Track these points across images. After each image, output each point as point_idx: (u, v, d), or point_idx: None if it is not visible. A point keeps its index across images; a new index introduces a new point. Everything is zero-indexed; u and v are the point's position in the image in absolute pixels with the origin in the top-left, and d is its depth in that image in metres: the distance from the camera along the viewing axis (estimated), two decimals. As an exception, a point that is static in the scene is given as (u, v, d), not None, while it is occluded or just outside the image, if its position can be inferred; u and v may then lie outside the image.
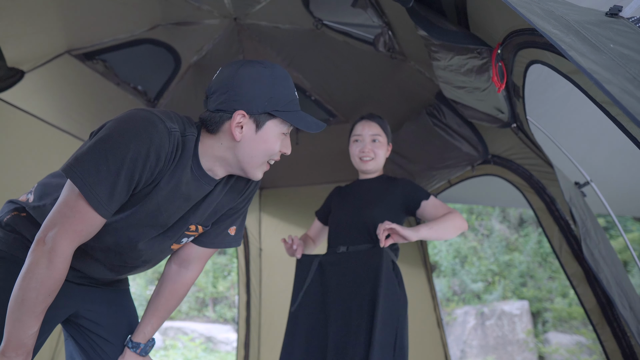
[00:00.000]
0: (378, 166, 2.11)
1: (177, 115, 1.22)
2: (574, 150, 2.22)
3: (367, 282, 1.85)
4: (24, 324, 1.10)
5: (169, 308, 1.47)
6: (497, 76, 1.55)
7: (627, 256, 6.09)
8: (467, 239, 8.58)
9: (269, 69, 1.21)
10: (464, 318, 7.26)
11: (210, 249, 1.45)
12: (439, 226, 1.88)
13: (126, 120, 1.12)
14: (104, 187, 1.08)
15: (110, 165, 1.07)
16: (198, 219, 1.33)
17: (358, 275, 1.88)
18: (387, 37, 2.35)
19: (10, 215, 1.30)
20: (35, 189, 1.35)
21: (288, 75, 1.26)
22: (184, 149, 1.20)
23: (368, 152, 2.06)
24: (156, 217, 1.23)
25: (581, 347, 6.33)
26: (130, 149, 1.08)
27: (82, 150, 1.11)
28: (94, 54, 2.65)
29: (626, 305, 1.81)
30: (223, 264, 9.09)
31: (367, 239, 1.96)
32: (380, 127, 2.10)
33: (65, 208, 1.11)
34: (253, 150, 1.22)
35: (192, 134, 1.21)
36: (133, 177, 1.10)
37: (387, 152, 2.13)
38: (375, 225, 1.94)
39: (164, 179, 1.18)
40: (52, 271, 1.09)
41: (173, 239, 1.33)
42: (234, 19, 2.79)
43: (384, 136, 2.10)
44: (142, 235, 1.26)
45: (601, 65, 0.76)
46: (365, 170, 2.10)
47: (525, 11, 0.89)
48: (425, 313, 3.36)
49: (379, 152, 2.07)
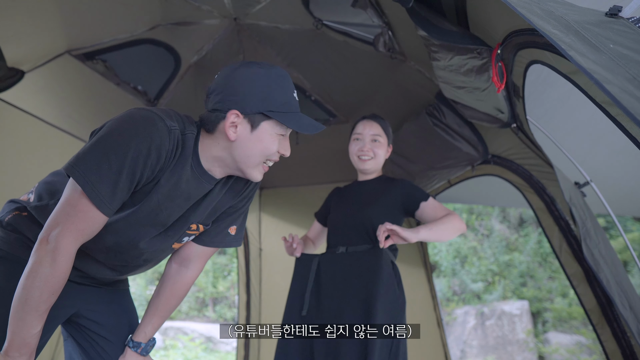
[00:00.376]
0: (377, 166, 2.10)
1: (177, 114, 1.23)
2: (574, 150, 2.22)
3: (365, 282, 1.84)
4: (27, 324, 1.10)
5: (169, 307, 1.48)
6: (497, 76, 1.55)
7: (627, 256, 6.09)
8: (467, 239, 8.58)
9: (265, 69, 1.21)
10: (464, 318, 7.26)
11: (211, 248, 1.45)
12: (438, 228, 1.88)
13: (126, 119, 1.13)
14: (106, 185, 1.09)
15: (111, 164, 1.08)
16: (199, 217, 1.34)
17: (356, 275, 1.88)
18: (387, 37, 2.35)
19: (11, 215, 1.30)
20: (36, 188, 1.35)
21: (286, 76, 1.25)
22: (184, 147, 1.21)
23: (367, 151, 2.06)
24: (156, 215, 1.23)
25: (581, 347, 6.33)
26: (131, 147, 1.09)
27: (84, 150, 1.12)
28: (94, 54, 2.65)
29: (626, 305, 1.81)
30: (223, 264, 9.09)
31: (366, 240, 1.95)
32: (382, 127, 2.09)
33: (68, 207, 1.12)
34: (248, 150, 1.22)
35: (191, 132, 1.22)
36: (134, 174, 1.11)
37: (387, 153, 2.13)
38: (374, 226, 1.93)
39: (164, 176, 1.19)
40: (55, 270, 1.10)
41: (174, 238, 1.34)
42: (234, 19, 2.79)
43: (385, 137, 2.09)
44: (142, 234, 1.26)
45: (601, 65, 0.76)
46: (364, 169, 2.09)
47: (525, 11, 0.89)
48: (425, 313, 3.36)
49: (378, 152, 2.07)
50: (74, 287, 1.34)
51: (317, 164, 3.52)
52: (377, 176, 2.14)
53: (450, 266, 8.25)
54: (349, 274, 1.90)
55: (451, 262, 8.27)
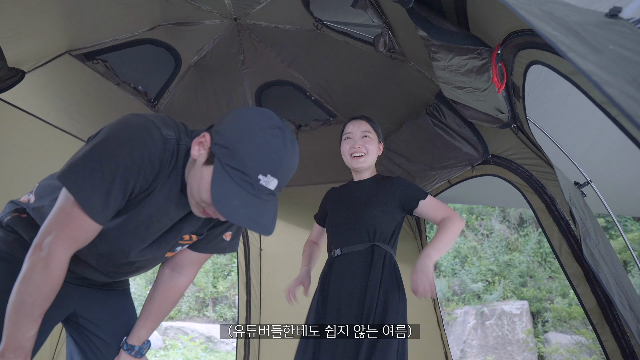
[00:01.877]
0: (370, 163, 2.10)
1: (173, 122, 1.20)
2: (573, 150, 2.22)
3: (362, 281, 1.86)
4: (21, 328, 1.11)
5: (162, 311, 1.48)
6: (497, 77, 1.55)
7: (627, 256, 6.10)
8: (467, 239, 8.58)
9: (265, 131, 1.06)
10: (464, 318, 7.26)
11: (204, 254, 1.44)
12: (442, 243, 1.89)
13: (121, 127, 1.11)
14: (99, 195, 1.08)
15: (104, 173, 1.07)
16: (191, 228, 1.32)
17: (352, 276, 1.89)
18: (387, 38, 2.35)
19: (10, 216, 1.31)
20: (36, 189, 1.35)
21: (278, 151, 1.06)
22: (179, 158, 1.18)
23: (359, 148, 2.06)
24: (148, 226, 1.22)
25: (581, 347, 6.33)
26: (125, 157, 1.07)
27: (77, 158, 1.10)
28: (94, 54, 2.65)
29: (626, 306, 1.81)
30: (223, 264, 9.09)
31: (365, 240, 1.96)
32: (370, 125, 2.11)
33: (61, 215, 1.11)
34: (191, 179, 1.14)
35: (185, 144, 1.18)
36: (128, 184, 1.10)
37: (379, 150, 2.13)
38: (372, 226, 1.95)
39: (158, 186, 1.17)
40: (48, 277, 1.10)
41: (166, 248, 1.33)
42: (234, 19, 2.79)
43: (375, 134, 2.10)
44: (134, 245, 1.25)
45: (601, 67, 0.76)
46: (358, 167, 2.09)
47: (525, 13, 0.89)
48: (426, 313, 3.36)
49: (370, 147, 2.07)
50: (71, 287, 1.34)
51: (317, 164, 3.52)
52: (372, 175, 2.14)
53: (450, 266, 8.25)
54: (346, 275, 1.91)
55: (451, 262, 8.27)
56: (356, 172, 2.15)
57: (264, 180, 1.05)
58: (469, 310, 7.35)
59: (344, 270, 1.93)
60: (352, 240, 1.97)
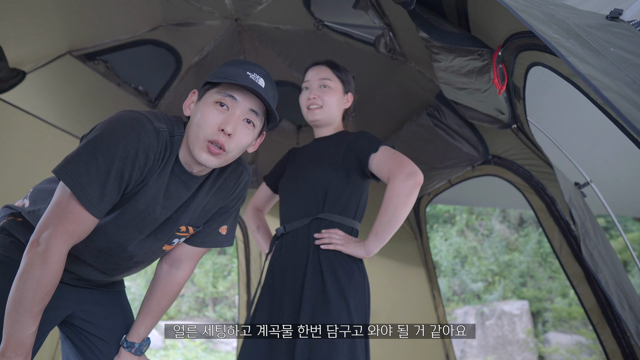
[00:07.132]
0: (328, 116, 1.78)
1: (165, 116, 1.24)
2: (574, 151, 2.23)
3: (298, 268, 1.62)
4: (22, 325, 1.11)
5: (161, 308, 1.48)
6: (497, 78, 1.56)
7: (627, 256, 6.10)
8: (467, 239, 8.59)
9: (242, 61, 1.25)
10: (464, 318, 7.26)
11: (201, 248, 1.45)
12: (384, 226, 1.55)
13: (114, 122, 1.14)
14: (95, 187, 1.10)
15: (100, 165, 1.09)
16: (187, 219, 1.34)
17: (291, 261, 1.66)
18: (388, 39, 2.36)
19: (6, 219, 1.33)
20: (30, 194, 1.37)
21: (250, 63, 1.24)
22: (172, 149, 1.22)
23: (314, 100, 1.75)
24: (144, 218, 1.24)
25: (581, 347, 6.34)
26: (119, 149, 1.10)
27: (73, 153, 1.13)
28: (95, 54, 2.65)
29: (625, 306, 1.82)
30: (223, 264, 9.09)
31: (311, 210, 1.67)
32: (332, 70, 1.79)
33: (58, 209, 1.13)
34: (192, 126, 1.20)
35: (179, 135, 1.23)
36: (123, 176, 1.12)
37: (346, 102, 1.82)
38: (319, 191, 1.66)
39: (152, 178, 1.20)
40: (47, 271, 1.10)
41: (163, 240, 1.34)
42: (235, 19, 2.79)
43: (337, 81, 1.79)
44: (131, 237, 1.27)
45: (600, 70, 0.76)
46: (314, 121, 1.78)
47: (525, 15, 0.89)
48: (426, 313, 3.36)
49: (328, 99, 1.75)
50: (67, 289, 1.35)
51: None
52: (335, 132, 1.81)
53: (450, 266, 8.26)
54: (286, 261, 1.67)
55: (451, 262, 8.28)
56: (315, 128, 1.84)
57: (252, 76, 1.18)
58: (469, 311, 7.36)
59: (282, 256, 1.66)
60: (300, 210, 1.69)
